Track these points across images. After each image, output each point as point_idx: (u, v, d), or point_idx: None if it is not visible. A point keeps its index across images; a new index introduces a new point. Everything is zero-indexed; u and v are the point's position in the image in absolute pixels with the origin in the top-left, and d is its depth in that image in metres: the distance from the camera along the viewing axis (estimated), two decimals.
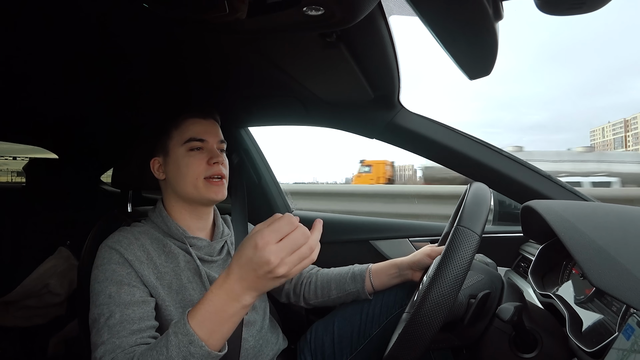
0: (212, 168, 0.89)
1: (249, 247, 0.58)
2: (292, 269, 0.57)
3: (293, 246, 0.57)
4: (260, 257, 0.56)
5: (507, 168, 1.05)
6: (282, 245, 0.57)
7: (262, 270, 0.57)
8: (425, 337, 0.58)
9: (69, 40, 0.82)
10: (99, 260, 0.80)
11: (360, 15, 0.52)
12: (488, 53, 0.57)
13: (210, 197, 0.89)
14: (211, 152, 0.90)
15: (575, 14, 0.37)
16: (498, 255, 1.03)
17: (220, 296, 0.61)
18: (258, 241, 0.57)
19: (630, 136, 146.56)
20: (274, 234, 0.57)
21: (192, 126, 0.90)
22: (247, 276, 0.59)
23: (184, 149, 0.89)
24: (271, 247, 0.56)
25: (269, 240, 0.56)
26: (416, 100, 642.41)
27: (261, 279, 0.58)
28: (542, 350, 0.65)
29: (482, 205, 0.66)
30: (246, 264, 0.58)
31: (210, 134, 0.91)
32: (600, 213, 0.70)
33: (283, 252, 0.56)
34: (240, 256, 0.59)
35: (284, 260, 0.56)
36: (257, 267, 0.57)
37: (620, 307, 0.60)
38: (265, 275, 0.57)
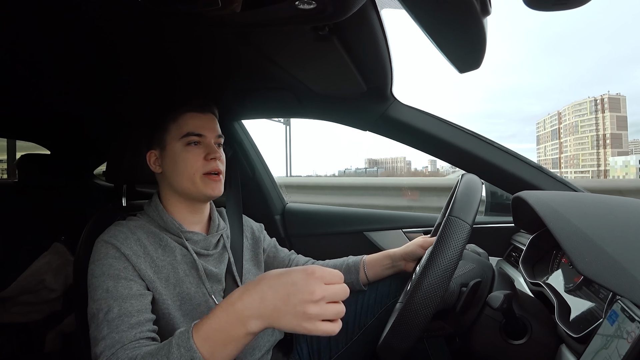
0: (209, 164, 0.88)
1: (301, 273, 0.57)
2: (320, 319, 0.56)
3: (335, 296, 0.57)
4: (308, 283, 0.56)
5: (498, 159, 1.07)
6: (329, 288, 0.57)
7: (298, 297, 0.55)
8: (419, 324, 0.60)
9: (60, 36, 0.81)
10: (95, 255, 0.81)
11: (352, 9, 0.52)
12: (477, 47, 0.58)
13: (207, 193, 0.88)
14: (209, 147, 0.89)
15: (560, 9, 0.38)
16: (490, 245, 1.04)
17: (228, 313, 0.58)
18: (317, 271, 0.57)
19: (561, 128, 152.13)
20: (328, 275, 0.57)
21: (190, 120, 0.90)
22: (271, 300, 0.57)
23: (181, 143, 0.89)
24: (321, 283, 0.56)
25: (322, 277, 0.57)
26: (416, 92, 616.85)
27: (286, 307, 0.56)
28: (531, 337, 0.67)
29: (473, 196, 0.68)
30: (283, 285, 0.57)
31: (208, 128, 0.91)
32: (588, 203, 0.71)
33: (327, 292, 0.56)
34: (281, 277, 0.58)
35: (322, 302, 0.55)
36: (296, 291, 0.56)
37: (607, 294, 0.62)
38: (295, 304, 0.55)
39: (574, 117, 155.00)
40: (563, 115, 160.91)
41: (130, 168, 1.01)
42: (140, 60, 0.97)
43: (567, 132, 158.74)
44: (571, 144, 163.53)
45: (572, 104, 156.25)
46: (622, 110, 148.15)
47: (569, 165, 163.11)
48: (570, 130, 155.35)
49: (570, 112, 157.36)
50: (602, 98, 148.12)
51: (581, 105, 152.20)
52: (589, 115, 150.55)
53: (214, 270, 0.91)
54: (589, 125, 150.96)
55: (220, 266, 0.94)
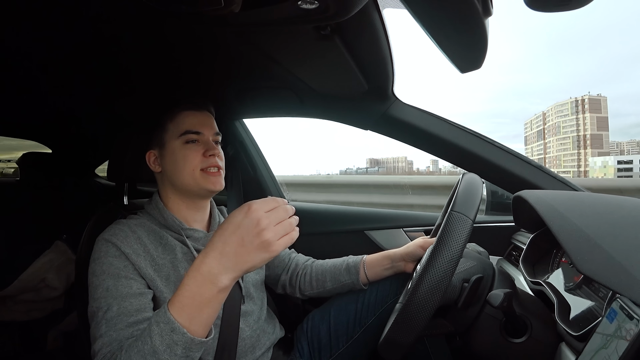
0: (208, 160, 0.89)
1: (239, 214, 0.61)
2: (277, 238, 0.60)
3: (278, 217, 0.61)
4: (250, 219, 0.59)
5: (499, 159, 1.07)
6: (270, 214, 0.60)
7: (250, 233, 0.59)
8: (422, 319, 0.60)
9: (63, 35, 0.82)
10: (95, 254, 0.81)
11: (355, 8, 0.52)
12: (478, 48, 0.59)
13: (208, 187, 0.89)
14: (207, 144, 0.91)
15: (563, 10, 0.38)
16: (490, 244, 1.05)
17: (196, 278, 0.60)
18: (251, 206, 0.60)
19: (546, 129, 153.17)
20: (264, 204, 0.61)
21: (187, 119, 0.91)
22: (228, 247, 0.60)
23: (179, 141, 0.89)
24: (261, 212, 0.60)
25: (259, 208, 0.60)
26: (418, 91, 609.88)
27: (243, 247, 0.59)
28: (531, 335, 0.68)
29: (474, 193, 0.68)
30: (230, 231, 0.60)
31: (206, 126, 0.92)
32: (588, 202, 0.72)
33: (270, 218, 0.60)
34: (226, 225, 0.61)
35: (271, 225, 0.59)
36: (244, 230, 0.59)
37: (606, 293, 0.62)
38: (250, 240, 0.59)
39: (557, 118, 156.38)
40: (547, 116, 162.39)
41: (131, 167, 1.02)
42: (143, 59, 0.97)
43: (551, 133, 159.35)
44: (554, 145, 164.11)
45: (555, 104, 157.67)
46: (602, 111, 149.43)
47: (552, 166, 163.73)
48: (553, 131, 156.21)
49: (554, 113, 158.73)
50: (582, 99, 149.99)
51: (563, 106, 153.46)
52: (570, 116, 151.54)
53: None
54: (570, 126, 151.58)
55: None
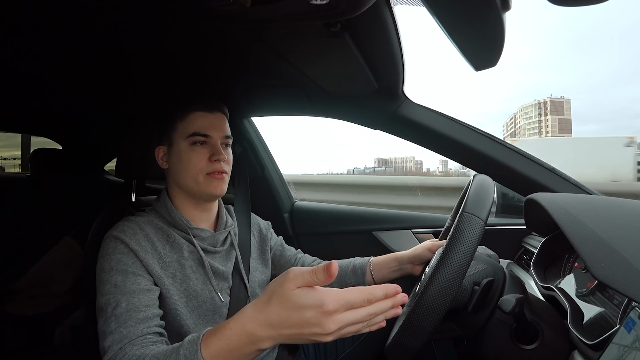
0: (213, 165, 0.88)
1: (311, 305, 0.52)
2: (336, 338, 0.53)
3: (354, 320, 0.53)
4: (319, 320, 0.51)
5: (510, 160, 1.05)
6: (347, 316, 0.52)
7: (310, 330, 0.52)
8: (431, 322, 0.59)
9: (70, 33, 0.82)
10: (104, 250, 0.81)
11: (366, 4, 0.51)
12: (495, 44, 0.57)
13: (209, 191, 0.88)
14: (214, 148, 0.89)
15: (584, 4, 0.37)
16: (500, 248, 1.03)
17: (240, 337, 0.56)
18: (328, 305, 0.51)
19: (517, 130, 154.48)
20: (345, 305, 0.52)
21: (197, 120, 0.89)
22: (283, 328, 0.54)
23: (187, 142, 0.88)
24: (337, 316, 0.52)
25: (338, 310, 0.52)
26: (434, 91, 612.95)
27: (298, 335, 0.53)
28: (542, 342, 0.66)
29: (486, 194, 0.67)
30: (293, 318, 0.53)
31: (215, 128, 0.90)
32: (603, 206, 0.70)
33: (343, 322, 0.52)
34: (290, 307, 0.53)
35: (339, 331, 0.52)
36: (307, 326, 0.52)
37: (622, 300, 0.60)
38: (308, 335, 0.53)
39: (523, 120, 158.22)
40: (517, 118, 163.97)
41: (139, 164, 1.02)
42: (151, 57, 0.97)
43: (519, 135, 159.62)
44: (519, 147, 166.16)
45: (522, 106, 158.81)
46: (565, 113, 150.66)
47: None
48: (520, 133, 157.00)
49: (521, 115, 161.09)
50: (545, 101, 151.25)
51: (528, 108, 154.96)
52: (534, 118, 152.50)
53: (220, 268, 0.91)
54: (534, 129, 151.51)
55: (227, 264, 0.94)
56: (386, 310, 0.55)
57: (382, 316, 0.55)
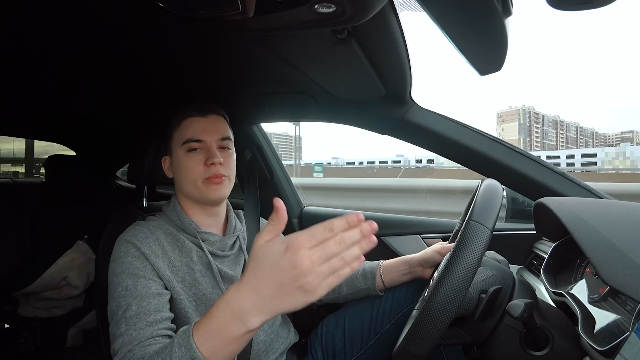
0: (209, 169, 0.88)
1: (278, 250, 0.52)
2: (319, 282, 0.51)
3: (326, 254, 0.51)
4: (289, 259, 0.51)
5: (520, 165, 1.04)
6: (315, 251, 0.51)
7: (286, 276, 0.51)
8: (436, 330, 0.59)
9: (82, 40, 0.84)
10: (116, 254, 0.83)
11: (372, 12, 0.52)
12: (498, 49, 0.57)
13: (209, 197, 0.89)
14: (209, 152, 0.89)
15: (585, 9, 0.37)
16: (510, 253, 1.02)
17: (226, 314, 0.55)
18: (291, 243, 0.51)
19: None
20: (309, 238, 0.52)
21: (190, 126, 0.89)
22: (263, 288, 0.52)
23: (183, 150, 0.89)
24: (304, 251, 0.51)
25: (303, 244, 0.51)
26: (445, 95, 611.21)
27: (280, 290, 0.52)
28: (553, 348, 0.65)
29: (493, 201, 0.66)
30: (267, 270, 0.52)
31: (209, 132, 0.90)
32: (614, 210, 0.69)
33: (314, 256, 0.51)
34: (262, 261, 0.53)
35: (314, 268, 0.51)
36: (282, 273, 0.51)
37: (634, 306, 0.59)
38: (288, 284, 0.51)
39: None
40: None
41: (151, 170, 1.04)
42: (160, 64, 0.99)
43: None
44: None
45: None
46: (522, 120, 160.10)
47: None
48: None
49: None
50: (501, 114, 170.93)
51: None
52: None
53: (229, 272, 0.92)
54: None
55: (236, 268, 0.95)
56: (358, 240, 0.53)
57: (357, 249, 0.53)
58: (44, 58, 0.95)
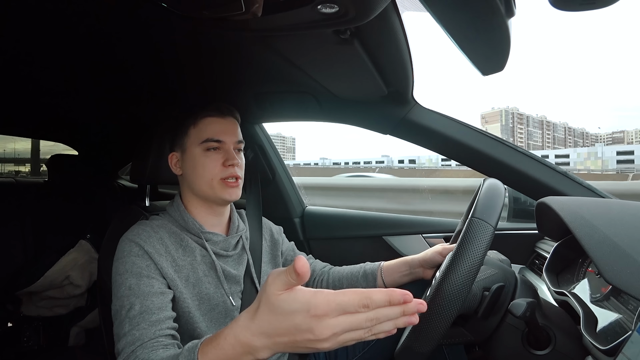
0: (227, 170, 0.89)
1: (299, 310, 0.48)
2: (335, 346, 0.49)
3: (351, 328, 0.48)
4: (309, 325, 0.47)
5: (522, 164, 1.04)
6: (341, 321, 0.47)
7: (302, 337, 0.48)
8: (440, 327, 0.59)
9: (86, 41, 0.84)
10: (119, 253, 0.83)
11: (374, 12, 0.52)
12: (501, 49, 0.57)
13: (224, 197, 0.89)
14: (227, 153, 0.90)
15: (588, 9, 0.37)
16: (512, 252, 1.02)
17: (235, 347, 0.53)
18: (316, 310, 0.47)
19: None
20: (338, 309, 0.48)
21: (210, 126, 0.90)
22: (275, 336, 0.50)
23: (200, 148, 0.89)
24: (328, 320, 0.47)
25: (328, 314, 0.47)
26: (447, 94, 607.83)
27: (293, 343, 0.49)
28: (555, 348, 0.65)
29: (496, 199, 0.66)
30: (283, 325, 0.49)
31: (228, 134, 0.91)
32: (616, 210, 0.69)
33: (338, 328, 0.47)
34: (279, 314, 0.49)
35: (334, 338, 0.48)
36: (299, 333, 0.48)
37: (637, 305, 0.59)
38: (302, 342, 0.49)
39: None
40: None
41: (153, 169, 1.04)
42: (164, 63, 0.99)
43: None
44: None
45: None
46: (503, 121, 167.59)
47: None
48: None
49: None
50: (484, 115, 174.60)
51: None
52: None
53: (232, 272, 0.92)
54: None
55: (239, 268, 0.95)
56: (395, 318, 0.49)
57: (391, 324, 0.49)
58: (46, 58, 0.96)
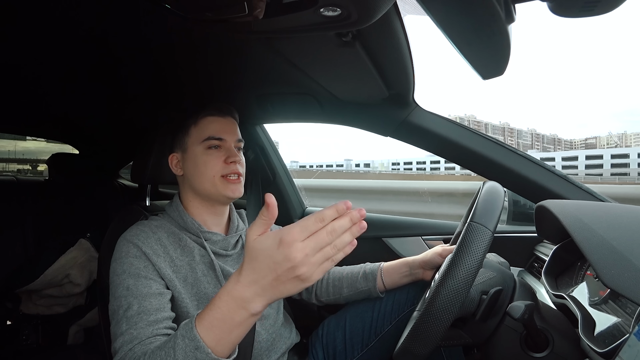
0: (229, 167, 0.90)
1: (271, 244, 0.54)
2: (314, 270, 0.54)
3: (319, 244, 0.54)
4: (283, 254, 0.53)
5: (521, 167, 1.05)
6: (307, 243, 0.53)
7: (282, 268, 0.53)
8: (438, 330, 0.59)
9: (87, 42, 0.85)
10: (117, 253, 0.83)
11: (376, 15, 0.52)
12: (501, 54, 0.58)
13: (227, 194, 0.90)
14: (229, 151, 0.92)
15: (588, 16, 0.38)
16: (511, 255, 1.02)
17: (228, 303, 0.58)
18: (284, 237, 0.53)
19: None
20: (301, 230, 0.54)
21: (211, 124, 0.92)
22: (261, 279, 0.55)
23: (202, 147, 0.91)
24: (297, 244, 0.53)
25: (296, 237, 0.53)
26: (447, 96, 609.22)
27: (278, 281, 0.54)
28: (553, 350, 0.66)
29: (495, 203, 0.67)
30: (263, 264, 0.55)
31: (229, 132, 0.93)
32: (615, 213, 0.69)
33: (307, 248, 0.53)
34: (257, 255, 0.55)
35: (307, 259, 0.53)
36: (278, 265, 0.53)
37: (634, 308, 0.59)
38: (284, 275, 0.54)
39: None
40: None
41: (154, 170, 1.04)
42: (166, 64, 0.99)
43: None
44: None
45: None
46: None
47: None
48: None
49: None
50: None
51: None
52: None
53: (231, 271, 0.92)
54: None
55: (238, 267, 0.95)
56: (348, 227, 0.55)
57: (348, 234, 0.55)
58: (48, 58, 0.96)
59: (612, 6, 0.37)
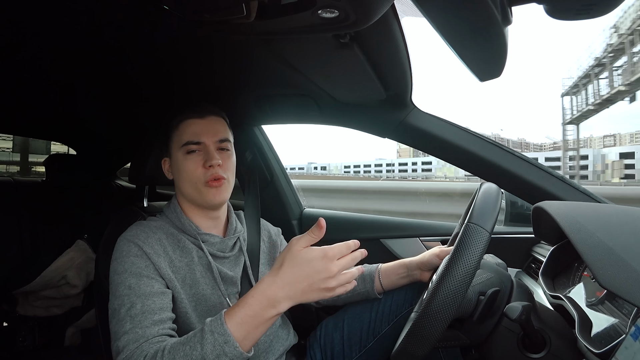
0: (208, 171, 0.87)
1: (317, 256, 0.66)
2: (338, 287, 0.67)
3: (346, 266, 0.67)
4: (325, 265, 0.65)
5: (519, 168, 1.05)
6: (341, 262, 0.67)
7: (319, 277, 0.65)
8: (436, 331, 0.59)
9: (86, 42, 0.85)
10: (117, 253, 0.83)
11: (374, 17, 0.52)
12: (498, 57, 0.58)
13: (209, 200, 0.88)
14: (207, 154, 0.88)
15: (584, 19, 0.38)
16: (509, 256, 1.03)
17: (261, 301, 0.66)
18: (329, 252, 0.66)
19: None
20: (339, 252, 0.67)
21: (188, 128, 0.89)
22: (297, 283, 0.65)
23: (182, 152, 0.89)
24: (336, 260, 0.66)
25: (337, 255, 0.67)
26: (445, 99, 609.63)
27: (310, 287, 0.65)
28: (550, 351, 0.66)
29: (492, 204, 0.67)
30: (304, 271, 0.65)
31: (207, 134, 0.89)
32: (612, 214, 0.70)
33: (340, 267, 0.66)
34: (300, 263, 0.66)
35: (339, 275, 0.66)
36: (316, 274, 0.65)
37: (631, 309, 0.60)
38: (317, 283, 0.65)
39: None
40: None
41: (152, 171, 1.04)
42: (163, 65, 0.99)
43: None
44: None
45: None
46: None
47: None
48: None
49: None
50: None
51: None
52: None
53: (229, 273, 0.92)
54: None
55: (236, 269, 0.95)
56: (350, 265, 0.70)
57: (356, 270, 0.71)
58: (46, 58, 0.96)
59: (607, 9, 0.37)
